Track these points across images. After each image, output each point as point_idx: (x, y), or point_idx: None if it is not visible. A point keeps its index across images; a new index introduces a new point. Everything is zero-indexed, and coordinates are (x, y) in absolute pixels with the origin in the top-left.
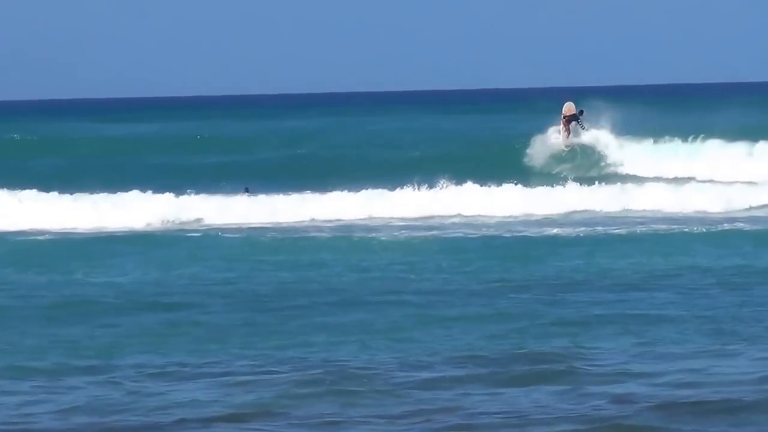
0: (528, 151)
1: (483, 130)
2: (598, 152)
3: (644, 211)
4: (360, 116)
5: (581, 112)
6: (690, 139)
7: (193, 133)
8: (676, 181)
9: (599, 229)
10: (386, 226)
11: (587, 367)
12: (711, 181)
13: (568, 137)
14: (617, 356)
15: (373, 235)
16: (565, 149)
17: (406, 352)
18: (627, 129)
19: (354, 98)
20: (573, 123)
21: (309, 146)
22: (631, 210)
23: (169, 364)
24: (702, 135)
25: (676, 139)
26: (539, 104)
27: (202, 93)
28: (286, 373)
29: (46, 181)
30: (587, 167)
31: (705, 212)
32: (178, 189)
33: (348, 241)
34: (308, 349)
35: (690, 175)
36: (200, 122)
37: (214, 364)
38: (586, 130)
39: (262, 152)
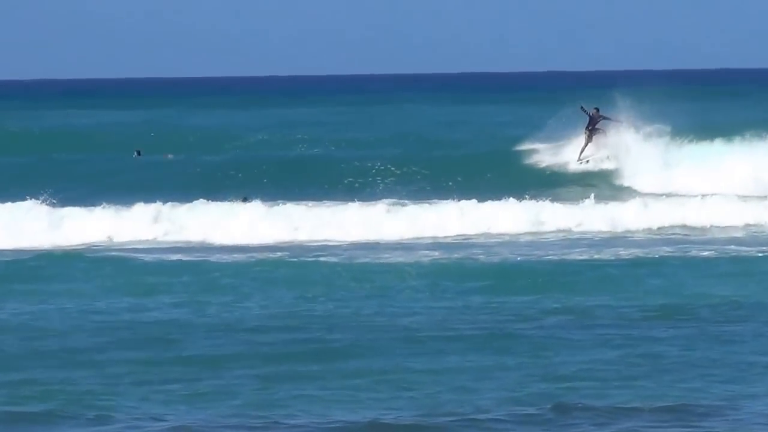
0: (560, 161)
1: (516, 126)
2: (640, 159)
3: (702, 227)
4: (375, 105)
5: (597, 110)
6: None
7: (168, 123)
8: (731, 190)
9: (678, 249)
10: (408, 244)
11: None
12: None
13: (586, 146)
14: (757, 411)
15: (401, 259)
16: (580, 161)
17: (475, 404)
18: (672, 127)
19: (366, 81)
20: (593, 128)
21: (314, 142)
22: (693, 226)
23: (164, 415)
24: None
25: (719, 138)
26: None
27: (173, 75)
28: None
29: None
30: (630, 176)
31: None
32: (150, 197)
33: (369, 266)
34: (344, 402)
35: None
36: (169, 110)
37: (221, 418)
38: (608, 118)
39: (257, 150)
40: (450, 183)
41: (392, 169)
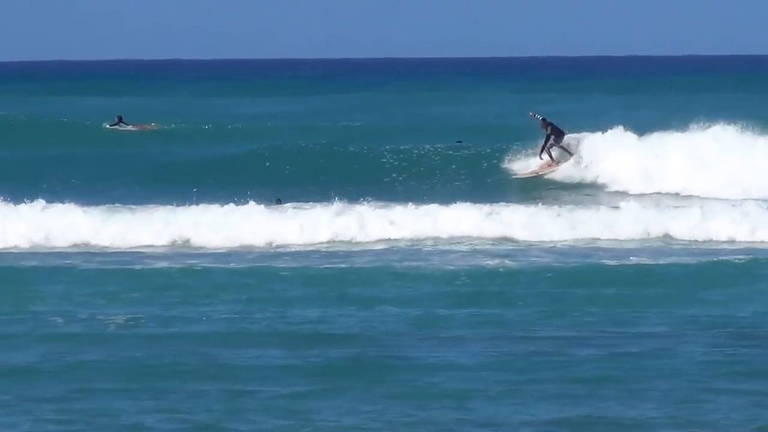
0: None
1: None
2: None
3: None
4: (404, 93)
5: (544, 120)
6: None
7: (174, 112)
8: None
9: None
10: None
11: None
12: None
13: (553, 158)
14: None
15: (452, 265)
16: (540, 173)
17: None
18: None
19: (390, 66)
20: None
21: (333, 132)
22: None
23: None
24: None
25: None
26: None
27: (168, 57)
28: None
29: None
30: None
31: None
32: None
33: (460, 272)
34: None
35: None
36: (170, 98)
37: None
38: (572, 154)
39: (275, 139)
40: (487, 182)
41: (436, 161)
